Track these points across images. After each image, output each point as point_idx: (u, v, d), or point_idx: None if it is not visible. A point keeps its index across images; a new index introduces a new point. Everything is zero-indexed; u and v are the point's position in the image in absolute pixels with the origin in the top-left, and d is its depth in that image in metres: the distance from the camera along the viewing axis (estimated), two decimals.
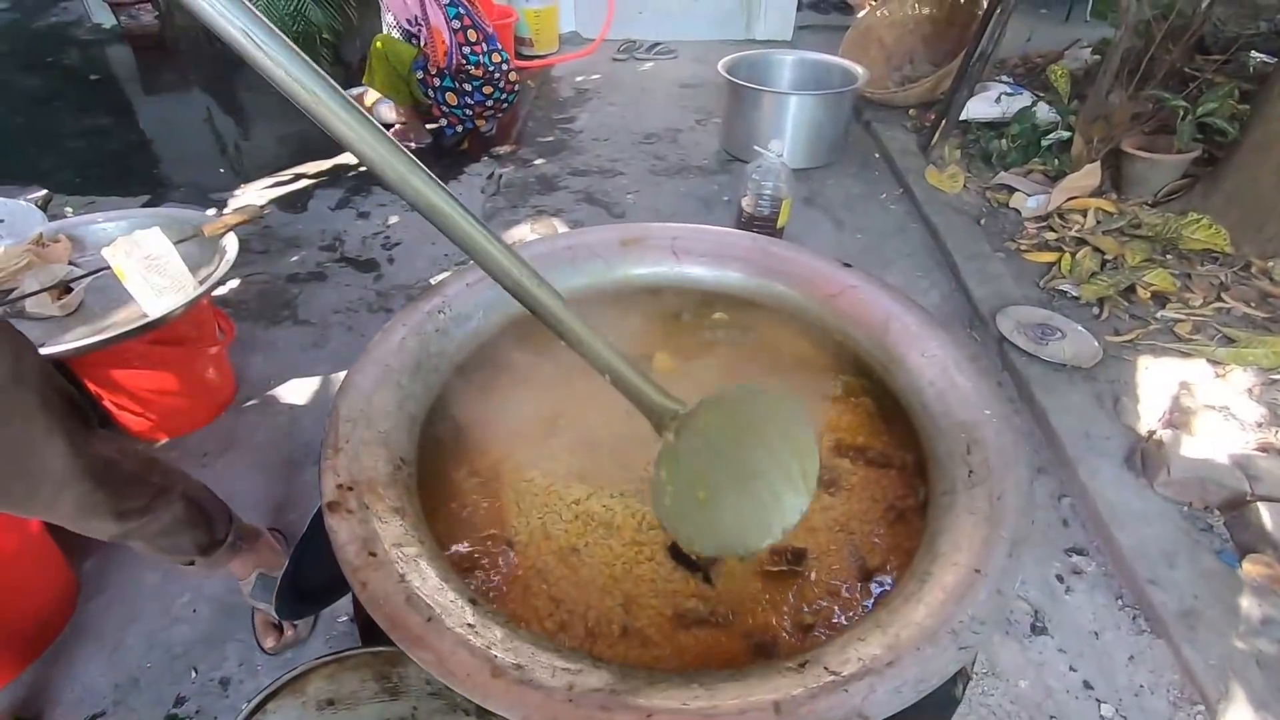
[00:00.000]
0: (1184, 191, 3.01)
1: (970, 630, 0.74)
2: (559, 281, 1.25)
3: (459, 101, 3.62)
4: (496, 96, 3.69)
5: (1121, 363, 2.35)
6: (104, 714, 1.51)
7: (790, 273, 1.25)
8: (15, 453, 0.93)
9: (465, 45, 3.46)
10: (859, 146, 3.94)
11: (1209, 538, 1.81)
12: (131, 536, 1.17)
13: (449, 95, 3.59)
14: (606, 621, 0.89)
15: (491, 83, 3.62)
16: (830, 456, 1.12)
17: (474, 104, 3.65)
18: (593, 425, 1.13)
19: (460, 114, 3.68)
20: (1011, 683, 1.59)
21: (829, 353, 1.22)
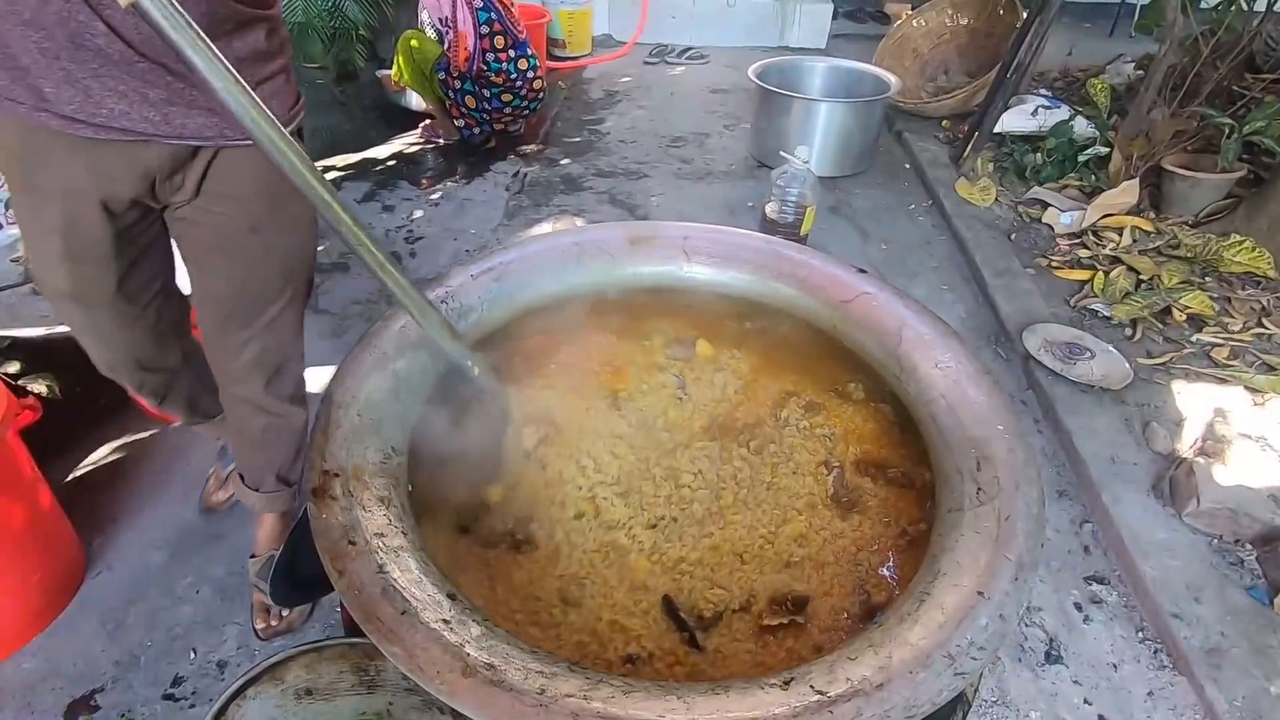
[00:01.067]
0: (1226, 212, 2.90)
1: (968, 655, 0.70)
2: (563, 279, 1.25)
3: (477, 105, 3.63)
4: (516, 104, 3.68)
5: (1153, 386, 2.26)
6: (102, 690, 1.53)
7: (803, 277, 1.22)
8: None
9: (490, 51, 3.46)
10: (889, 156, 3.88)
11: (1239, 572, 1.73)
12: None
13: (468, 99, 3.60)
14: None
15: (512, 90, 3.62)
16: (853, 475, 1.08)
17: (492, 110, 3.66)
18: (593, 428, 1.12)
19: (478, 117, 3.69)
20: (1022, 713, 1.52)
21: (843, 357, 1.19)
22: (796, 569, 0.95)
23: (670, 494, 1.03)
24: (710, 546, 0.97)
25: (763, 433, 1.13)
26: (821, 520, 1.01)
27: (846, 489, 1.05)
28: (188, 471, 2.01)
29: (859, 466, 1.09)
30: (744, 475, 1.07)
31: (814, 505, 1.03)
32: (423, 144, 3.92)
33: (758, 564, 0.95)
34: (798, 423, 1.15)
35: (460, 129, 3.78)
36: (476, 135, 3.79)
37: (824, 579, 0.95)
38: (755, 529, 0.99)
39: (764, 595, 0.91)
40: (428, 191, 3.49)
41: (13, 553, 1.51)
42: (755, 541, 0.98)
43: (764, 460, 1.09)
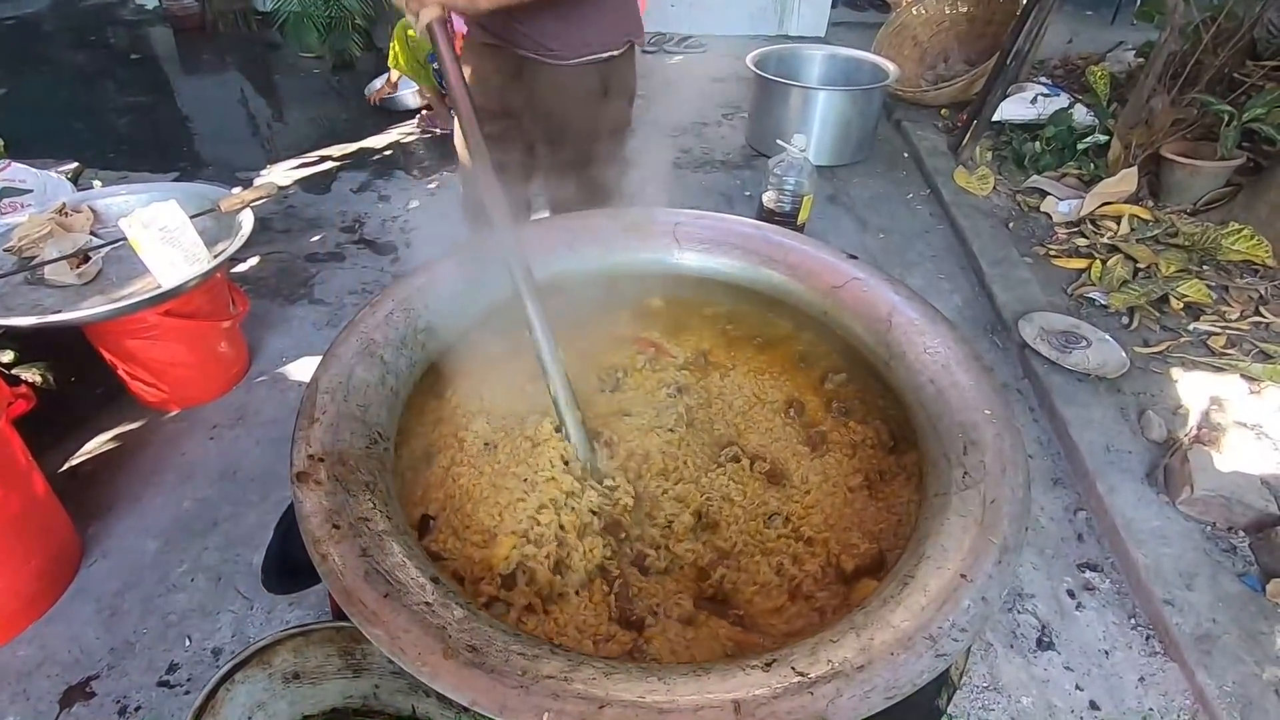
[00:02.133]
0: (1225, 200, 2.89)
1: (950, 637, 0.70)
2: (554, 265, 1.25)
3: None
4: None
5: (1149, 375, 2.26)
6: (98, 677, 1.53)
7: (793, 263, 1.21)
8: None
9: None
10: (888, 145, 3.85)
11: (1232, 559, 1.73)
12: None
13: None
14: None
15: None
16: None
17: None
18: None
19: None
20: (1014, 699, 1.53)
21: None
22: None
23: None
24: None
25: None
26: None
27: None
28: (182, 461, 2.02)
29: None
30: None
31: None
32: (420, 134, 3.90)
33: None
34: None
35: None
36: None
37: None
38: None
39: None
40: (424, 181, 3.48)
41: (7, 540, 1.51)
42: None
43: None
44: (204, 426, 2.13)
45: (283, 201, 3.26)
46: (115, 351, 2.03)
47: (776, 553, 1.00)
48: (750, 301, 1.27)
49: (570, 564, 0.95)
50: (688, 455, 1.12)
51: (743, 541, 1.02)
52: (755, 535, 1.03)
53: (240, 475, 1.99)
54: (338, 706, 0.86)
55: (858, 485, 1.09)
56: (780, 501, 1.07)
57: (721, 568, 0.98)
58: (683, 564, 0.99)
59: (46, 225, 2.00)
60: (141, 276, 1.93)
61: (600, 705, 0.63)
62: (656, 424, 1.15)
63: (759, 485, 1.10)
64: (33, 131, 3.83)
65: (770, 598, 0.95)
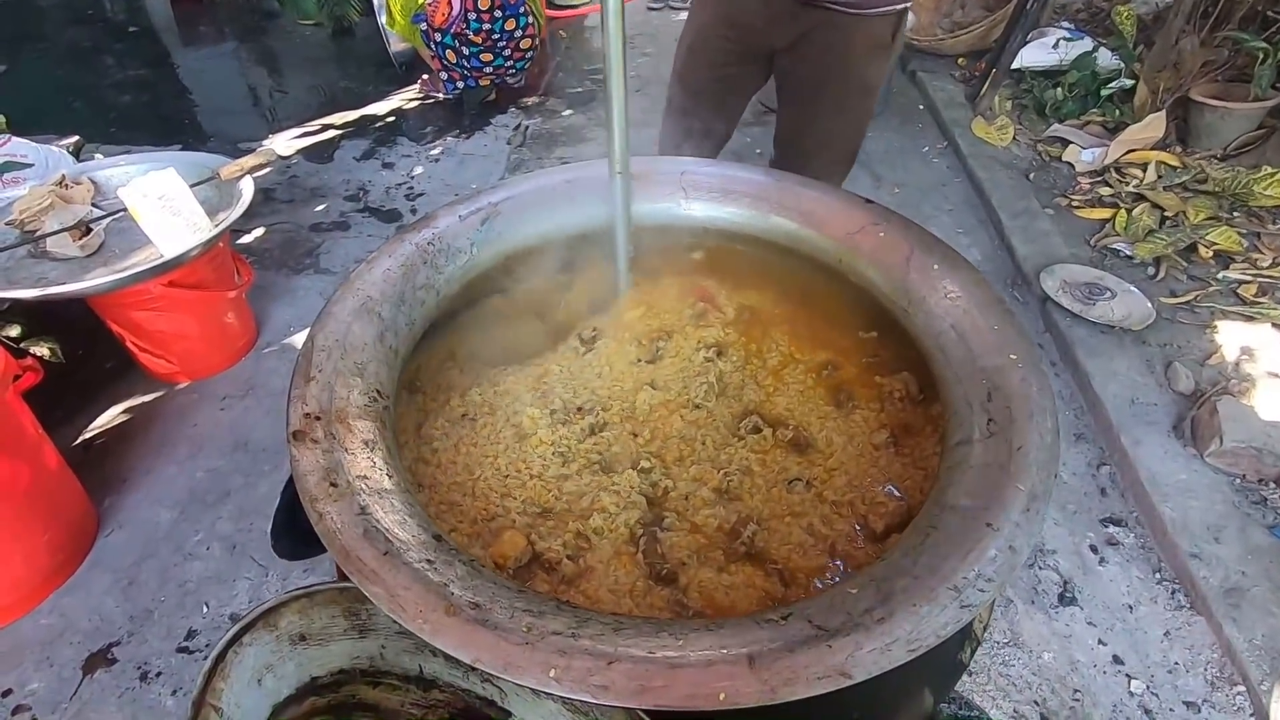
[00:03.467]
0: (1258, 143, 2.77)
1: (975, 588, 0.67)
2: (555, 218, 1.20)
3: (457, 60, 3.50)
4: (497, 64, 3.54)
5: (1176, 326, 2.19)
6: (119, 644, 1.55)
7: (806, 210, 1.16)
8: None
9: (472, 12, 3.32)
10: (903, 98, 3.73)
11: (1261, 511, 1.68)
12: None
13: (449, 52, 3.47)
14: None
15: (493, 50, 3.47)
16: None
17: (470, 68, 3.53)
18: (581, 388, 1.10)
19: (461, 70, 3.56)
20: (1035, 654, 1.51)
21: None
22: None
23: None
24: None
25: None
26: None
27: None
28: (193, 432, 2.02)
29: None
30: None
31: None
32: (422, 99, 3.82)
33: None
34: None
35: (443, 81, 3.66)
36: (458, 89, 3.66)
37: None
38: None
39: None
40: (428, 147, 3.42)
41: (21, 512, 1.51)
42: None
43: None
44: (214, 398, 2.12)
45: (286, 171, 3.22)
46: (122, 324, 2.02)
47: (805, 514, 0.96)
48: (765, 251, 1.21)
49: (595, 545, 0.92)
50: (707, 434, 1.06)
51: (768, 508, 0.97)
52: (780, 500, 0.98)
53: (251, 445, 1.98)
54: (345, 667, 0.85)
55: (883, 442, 1.03)
56: (802, 467, 1.02)
57: (752, 524, 0.93)
58: (707, 529, 0.95)
59: (47, 198, 1.97)
60: (144, 248, 1.91)
61: (609, 661, 0.60)
62: (683, 398, 1.10)
63: (781, 453, 1.05)
64: (34, 108, 3.80)
65: (809, 557, 0.91)
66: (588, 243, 1.21)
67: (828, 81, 1.69)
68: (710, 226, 1.23)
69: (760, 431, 1.06)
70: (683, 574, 0.88)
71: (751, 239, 1.21)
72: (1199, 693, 1.44)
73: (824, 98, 1.73)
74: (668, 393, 1.10)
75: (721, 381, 1.13)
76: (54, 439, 1.65)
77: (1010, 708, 1.42)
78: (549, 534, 0.92)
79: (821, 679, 0.60)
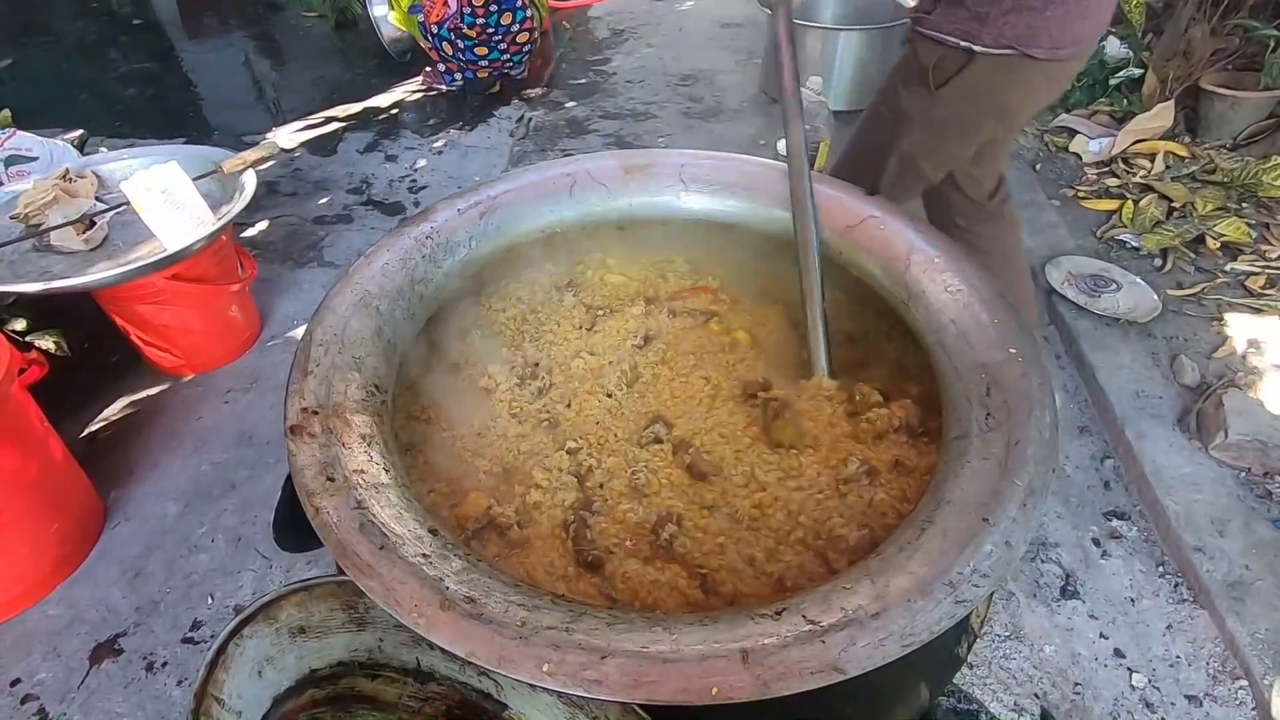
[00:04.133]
0: (1268, 133, 2.73)
1: (970, 583, 0.67)
2: (555, 213, 1.20)
3: (453, 52, 3.49)
4: (493, 57, 3.52)
5: (1182, 318, 2.17)
6: (126, 634, 1.57)
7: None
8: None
9: (467, 7, 3.31)
10: None
11: (1266, 505, 1.67)
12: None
13: (445, 45, 3.46)
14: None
15: (488, 44, 3.45)
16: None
17: (467, 61, 3.52)
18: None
19: (458, 63, 3.55)
20: (1036, 647, 1.51)
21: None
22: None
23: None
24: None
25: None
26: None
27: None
28: (199, 425, 2.03)
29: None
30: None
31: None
32: (425, 91, 3.82)
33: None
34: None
35: (442, 74, 3.65)
36: (457, 81, 3.65)
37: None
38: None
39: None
40: (431, 139, 3.41)
41: (28, 504, 1.53)
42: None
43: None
44: (219, 391, 2.14)
45: (289, 164, 3.22)
46: (127, 317, 2.03)
47: (737, 538, 0.89)
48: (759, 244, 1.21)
49: (535, 519, 0.92)
50: (619, 425, 1.03)
51: (689, 517, 0.92)
52: (700, 515, 0.92)
53: (256, 438, 2.00)
54: (343, 660, 0.85)
55: (853, 474, 0.93)
56: (716, 496, 0.95)
57: (671, 526, 0.89)
58: (628, 523, 0.92)
59: (51, 191, 1.98)
60: (148, 241, 1.92)
61: (602, 656, 0.61)
62: (599, 384, 1.08)
63: (681, 473, 0.97)
64: (39, 102, 3.81)
65: (748, 583, 0.84)
66: (587, 236, 1.21)
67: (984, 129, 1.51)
68: (708, 219, 1.23)
69: (661, 442, 1.00)
70: (609, 562, 0.86)
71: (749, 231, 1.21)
72: (1201, 686, 1.43)
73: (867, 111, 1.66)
74: (598, 368, 1.11)
75: (634, 372, 1.11)
76: (60, 432, 1.67)
77: (1011, 701, 1.42)
78: (504, 499, 0.93)
79: (815, 674, 0.60)
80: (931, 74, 1.38)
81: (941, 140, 1.49)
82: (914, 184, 1.61)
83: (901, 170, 1.55)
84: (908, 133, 1.49)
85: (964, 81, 1.36)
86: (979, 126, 1.46)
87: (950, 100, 1.40)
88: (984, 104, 1.41)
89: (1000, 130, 1.51)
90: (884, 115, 1.55)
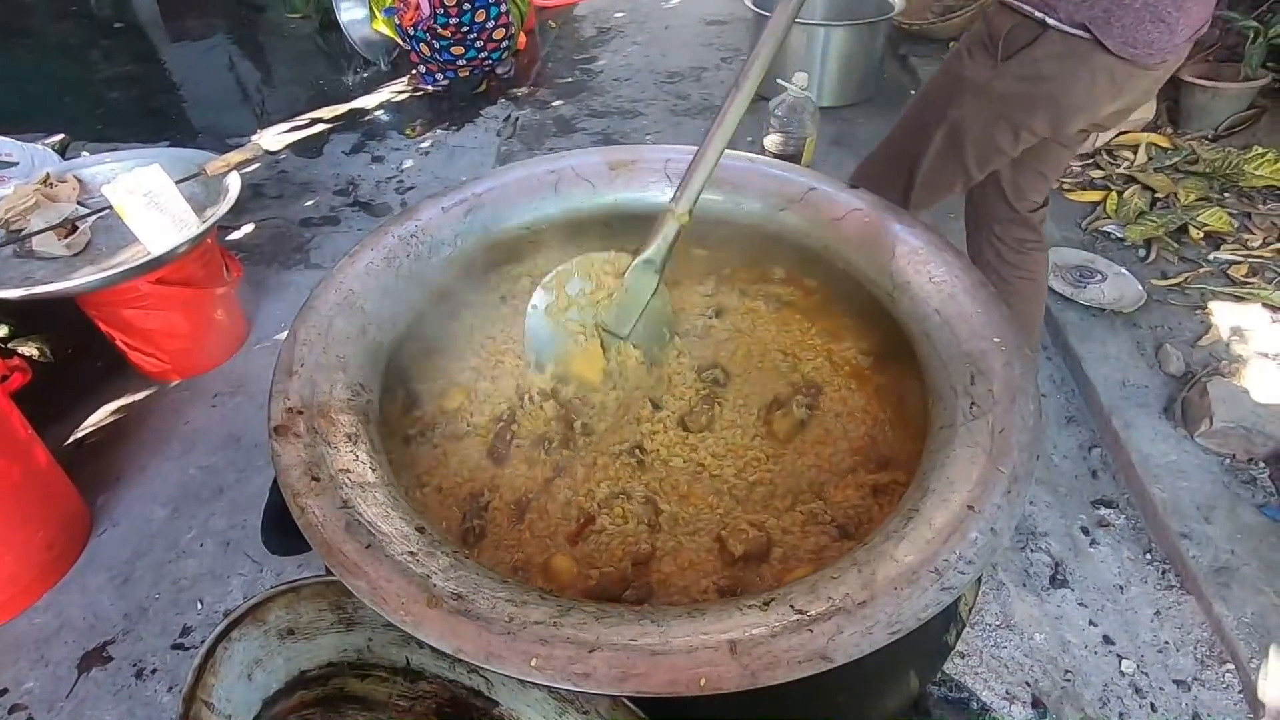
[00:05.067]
0: (1248, 124, 2.76)
1: (956, 570, 0.67)
2: (539, 210, 1.20)
3: (431, 54, 3.49)
4: (470, 56, 3.51)
5: (1166, 308, 2.19)
6: (114, 641, 1.55)
7: (791, 195, 1.16)
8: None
9: (440, 8, 3.30)
10: (894, 83, 3.71)
11: (1251, 491, 1.69)
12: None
13: (423, 46, 3.46)
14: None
15: (463, 43, 3.45)
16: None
17: (443, 61, 3.51)
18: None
19: (437, 63, 3.54)
20: (1026, 636, 1.52)
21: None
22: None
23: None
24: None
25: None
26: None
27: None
28: (186, 429, 2.01)
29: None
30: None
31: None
32: (411, 92, 3.80)
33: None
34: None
35: (422, 75, 3.65)
36: (438, 81, 3.64)
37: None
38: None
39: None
40: (418, 140, 3.40)
41: (12, 510, 1.51)
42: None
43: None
44: (206, 395, 2.12)
45: (274, 166, 3.20)
46: (112, 322, 2.01)
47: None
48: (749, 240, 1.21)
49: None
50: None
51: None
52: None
53: (244, 442, 1.98)
54: (333, 660, 0.85)
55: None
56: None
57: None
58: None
59: (31, 196, 1.96)
60: (131, 245, 1.90)
61: (590, 649, 0.61)
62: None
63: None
64: (19, 106, 3.77)
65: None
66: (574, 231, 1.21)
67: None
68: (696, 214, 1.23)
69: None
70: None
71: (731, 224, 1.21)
72: (1189, 671, 1.45)
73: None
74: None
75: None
76: (46, 438, 1.65)
77: (1002, 689, 1.43)
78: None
79: (803, 662, 0.60)
80: (1001, 43, 1.33)
81: (993, 121, 1.42)
82: (955, 170, 1.53)
83: (946, 146, 1.49)
84: (962, 102, 1.43)
85: (1031, 55, 1.31)
86: (1032, 115, 1.38)
87: (1012, 75, 1.35)
88: (1043, 89, 1.34)
89: (1050, 128, 1.41)
90: (943, 83, 1.49)
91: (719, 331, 1.21)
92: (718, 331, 1.21)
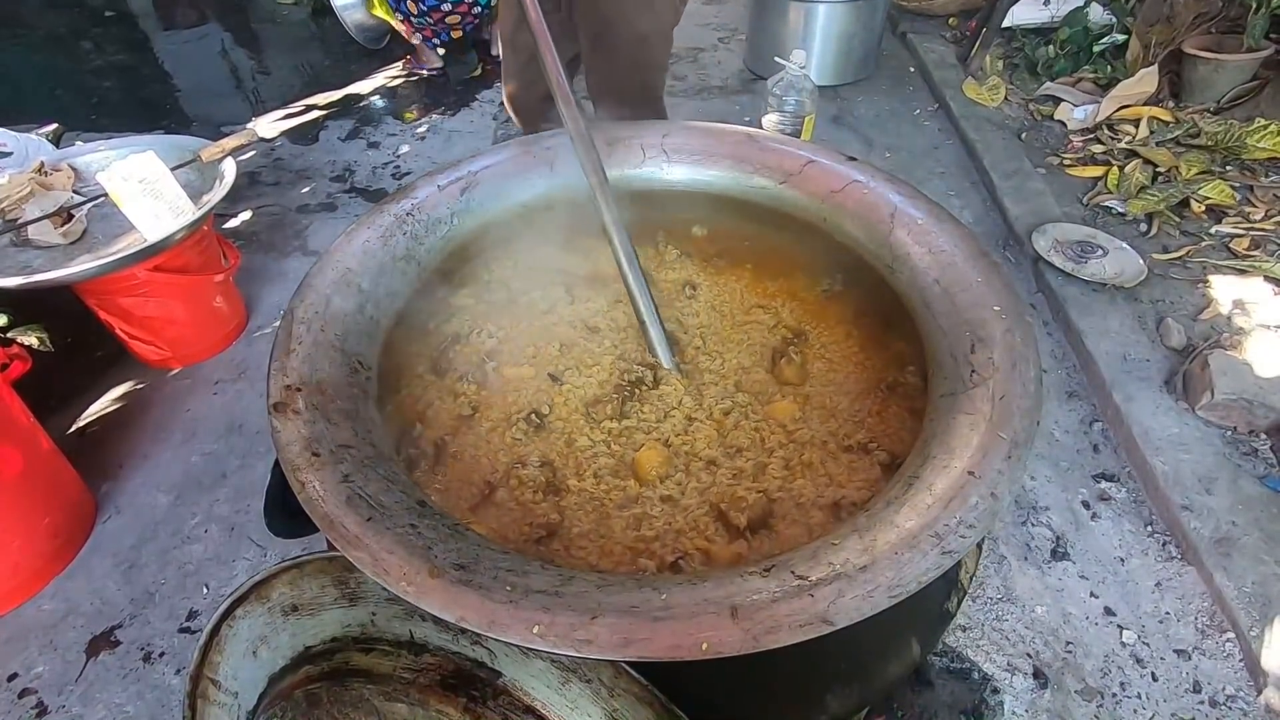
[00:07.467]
0: (1251, 95, 2.73)
1: (957, 534, 0.67)
2: (535, 187, 1.19)
3: (418, 13, 3.39)
4: (455, 2, 3.37)
5: (1168, 282, 2.18)
6: (121, 626, 1.56)
7: (789, 168, 1.15)
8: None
9: None
10: (893, 60, 3.68)
11: (1252, 463, 1.69)
12: None
13: (409, 4, 3.37)
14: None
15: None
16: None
17: (429, 9, 3.36)
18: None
19: (430, 24, 3.44)
20: (1027, 608, 1.52)
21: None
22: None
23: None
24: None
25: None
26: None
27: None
28: (188, 417, 2.02)
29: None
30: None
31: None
32: (406, 77, 3.77)
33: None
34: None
35: (424, 42, 3.56)
36: (436, 45, 3.57)
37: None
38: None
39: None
40: (413, 125, 3.38)
41: (17, 500, 1.52)
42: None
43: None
44: (206, 383, 2.12)
45: (270, 154, 3.19)
46: (110, 311, 2.01)
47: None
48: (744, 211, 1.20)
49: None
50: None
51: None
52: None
53: (245, 428, 1.99)
54: (337, 636, 0.85)
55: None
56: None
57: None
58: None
59: (26, 185, 1.95)
60: (128, 233, 1.90)
61: (592, 616, 0.61)
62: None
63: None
64: (12, 96, 3.75)
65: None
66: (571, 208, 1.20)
67: (614, 25, 1.72)
68: (692, 190, 1.22)
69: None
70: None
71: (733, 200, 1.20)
72: (1190, 641, 1.46)
73: (611, 47, 1.77)
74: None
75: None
76: (48, 427, 1.65)
77: (1004, 661, 1.44)
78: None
79: (804, 626, 0.60)
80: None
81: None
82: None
83: None
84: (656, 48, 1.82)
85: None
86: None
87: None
88: None
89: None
90: (662, 47, 1.83)
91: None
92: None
